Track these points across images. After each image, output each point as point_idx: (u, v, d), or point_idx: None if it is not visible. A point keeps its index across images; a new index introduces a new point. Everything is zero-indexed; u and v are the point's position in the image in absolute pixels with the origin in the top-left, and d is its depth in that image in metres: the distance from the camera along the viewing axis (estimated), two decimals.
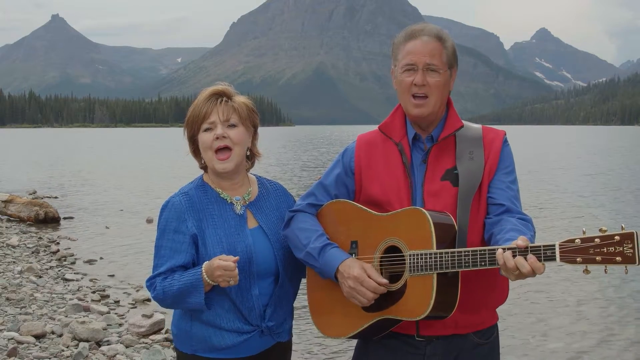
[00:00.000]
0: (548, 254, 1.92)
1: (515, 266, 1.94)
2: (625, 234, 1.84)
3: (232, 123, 2.38)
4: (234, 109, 2.39)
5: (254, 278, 2.38)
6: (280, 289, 2.44)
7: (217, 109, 2.37)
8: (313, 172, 26.93)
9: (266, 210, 2.49)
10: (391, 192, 2.31)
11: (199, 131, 2.40)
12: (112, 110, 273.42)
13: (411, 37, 2.30)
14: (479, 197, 2.25)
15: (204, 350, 2.39)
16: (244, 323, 2.37)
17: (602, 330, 6.89)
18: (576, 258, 1.87)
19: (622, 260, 1.83)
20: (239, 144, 2.39)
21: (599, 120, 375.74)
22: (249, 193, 2.48)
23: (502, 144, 2.32)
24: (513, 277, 1.98)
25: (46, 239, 11.78)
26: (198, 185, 2.46)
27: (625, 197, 18.70)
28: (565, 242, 1.90)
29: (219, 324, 2.36)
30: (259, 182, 2.57)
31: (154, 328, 6.36)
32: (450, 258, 2.06)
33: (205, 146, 2.38)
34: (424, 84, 2.26)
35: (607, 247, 1.85)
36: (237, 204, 2.44)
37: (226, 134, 2.36)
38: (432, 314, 2.10)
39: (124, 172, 28.57)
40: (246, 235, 2.39)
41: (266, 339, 2.43)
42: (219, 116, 2.36)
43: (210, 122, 2.36)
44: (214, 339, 2.37)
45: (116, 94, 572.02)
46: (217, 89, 2.42)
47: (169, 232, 2.36)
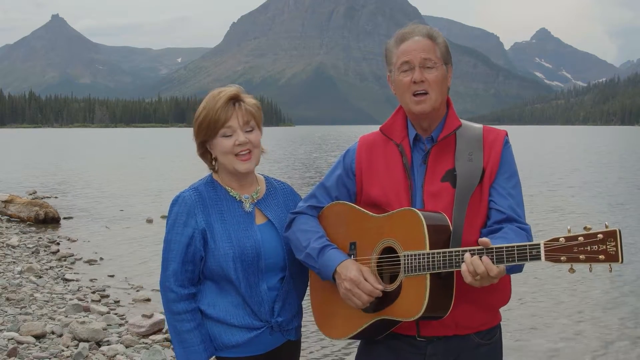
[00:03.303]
0: (533, 253, 1.92)
1: (472, 268, 1.96)
2: (609, 231, 1.82)
3: (251, 127, 2.41)
4: (250, 113, 2.40)
5: (263, 273, 2.41)
6: (287, 283, 2.46)
7: (236, 114, 2.38)
8: (310, 171, 26.94)
9: (274, 207, 2.53)
10: (391, 193, 2.32)
11: (215, 136, 2.40)
12: (112, 110, 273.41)
13: (403, 40, 2.32)
14: (479, 199, 2.24)
15: (214, 349, 2.40)
16: (253, 319, 2.39)
17: (603, 331, 6.88)
18: (560, 257, 1.86)
19: (605, 258, 1.82)
20: (258, 146, 2.44)
21: (599, 121, 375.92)
22: (257, 191, 2.52)
23: (502, 145, 2.31)
24: (475, 282, 2.00)
25: (46, 239, 11.77)
26: (208, 182, 2.49)
27: (627, 198, 18.69)
28: (550, 241, 1.89)
29: (229, 320, 2.38)
30: (266, 181, 2.61)
31: (154, 328, 6.35)
32: (442, 258, 2.07)
33: (226, 151, 2.40)
34: (423, 80, 2.25)
35: (590, 245, 1.83)
36: (246, 201, 2.47)
37: (247, 139, 2.39)
38: (427, 314, 2.11)
39: (124, 172, 28.56)
40: (254, 231, 2.42)
41: (276, 336, 2.44)
42: (238, 121, 2.38)
43: (229, 127, 2.38)
44: (224, 337, 2.39)
45: (116, 94, 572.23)
46: (232, 92, 2.40)
47: (179, 225, 2.39)
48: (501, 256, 1.97)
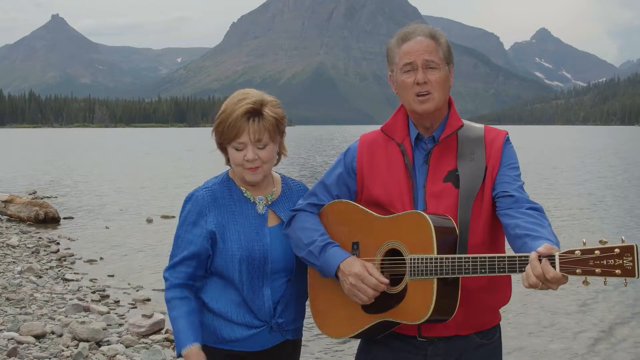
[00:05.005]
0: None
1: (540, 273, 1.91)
2: (626, 246, 1.81)
3: (263, 144, 2.38)
4: (265, 129, 2.36)
5: (267, 278, 2.41)
6: (293, 287, 2.47)
7: (249, 129, 2.34)
8: (308, 171, 26.93)
9: (288, 208, 2.51)
10: (394, 193, 2.31)
11: (228, 144, 2.40)
12: (112, 110, 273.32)
13: (405, 39, 2.31)
14: (482, 198, 2.24)
15: (213, 342, 2.42)
16: (253, 318, 2.41)
17: (603, 331, 6.88)
18: (576, 269, 1.87)
19: (621, 273, 1.82)
20: (268, 162, 2.41)
21: (599, 120, 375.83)
22: (272, 193, 2.51)
23: (503, 143, 2.31)
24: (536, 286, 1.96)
25: (46, 239, 11.76)
26: (223, 181, 2.49)
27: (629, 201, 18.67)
28: (565, 253, 1.88)
29: (229, 316, 2.41)
30: (282, 181, 2.59)
31: (154, 328, 6.35)
32: (451, 264, 2.06)
33: (236, 163, 2.40)
34: (426, 82, 2.25)
35: (606, 259, 1.83)
36: (259, 203, 2.47)
37: (257, 156, 2.37)
38: (432, 318, 2.11)
39: (124, 171, 28.56)
40: (264, 235, 2.42)
41: (275, 335, 2.45)
42: (250, 137, 2.35)
43: (241, 142, 2.36)
44: (224, 331, 2.41)
45: (116, 94, 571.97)
46: (250, 106, 2.35)
47: (188, 224, 2.41)
48: (513, 266, 1.98)
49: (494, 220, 2.26)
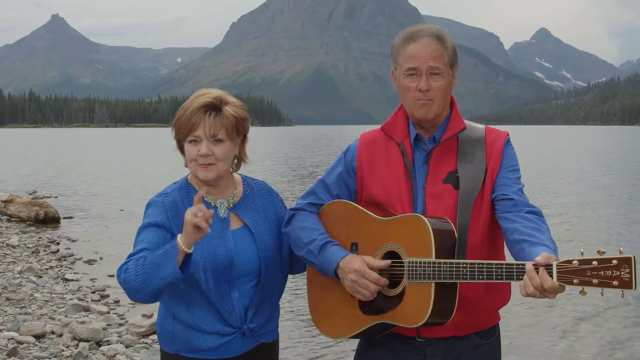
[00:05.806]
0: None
1: (538, 282, 1.90)
2: (623, 258, 1.81)
3: (219, 138, 2.32)
4: (221, 124, 2.31)
5: (234, 282, 2.36)
6: (261, 289, 2.42)
7: (205, 123, 2.29)
8: (300, 170, 26.93)
9: (251, 211, 2.46)
10: (393, 193, 2.30)
11: (184, 139, 2.35)
12: (112, 110, 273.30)
13: (411, 39, 2.27)
14: (481, 201, 2.23)
15: (186, 351, 2.38)
16: (224, 325, 2.36)
17: (603, 331, 6.89)
18: (573, 279, 1.86)
19: (618, 284, 1.82)
20: (222, 159, 2.34)
21: (599, 120, 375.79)
22: (233, 196, 2.45)
23: (504, 144, 2.30)
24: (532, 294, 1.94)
25: (46, 238, 11.77)
26: (182, 187, 2.43)
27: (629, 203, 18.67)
28: (562, 263, 1.88)
29: (200, 326, 2.35)
30: (244, 182, 2.53)
31: (153, 328, 6.34)
32: (449, 269, 2.06)
33: (190, 158, 2.34)
34: (428, 89, 2.23)
35: (604, 270, 1.83)
36: (221, 207, 2.41)
37: (211, 151, 2.31)
38: (430, 321, 2.11)
39: (124, 171, 28.56)
40: (228, 239, 2.36)
41: (248, 341, 2.41)
42: (205, 131, 2.30)
43: (196, 136, 2.31)
44: (195, 341, 2.36)
45: (116, 94, 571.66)
46: (208, 100, 2.32)
47: (150, 226, 2.33)
48: (511, 274, 1.97)
49: (493, 222, 2.24)
